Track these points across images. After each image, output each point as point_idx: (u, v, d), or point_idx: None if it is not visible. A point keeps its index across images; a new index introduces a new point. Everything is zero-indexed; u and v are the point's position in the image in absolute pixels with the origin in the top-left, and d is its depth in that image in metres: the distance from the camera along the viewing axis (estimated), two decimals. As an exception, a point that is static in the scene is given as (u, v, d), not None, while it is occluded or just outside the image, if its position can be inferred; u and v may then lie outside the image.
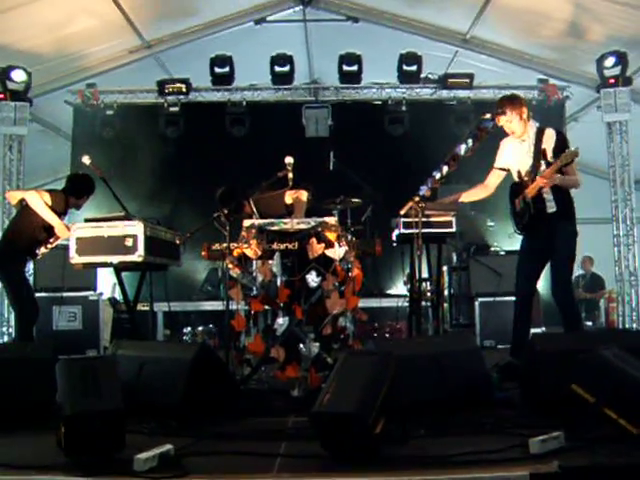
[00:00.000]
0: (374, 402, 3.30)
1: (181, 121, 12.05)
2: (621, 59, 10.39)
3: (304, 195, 6.17)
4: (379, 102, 12.20)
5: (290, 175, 5.60)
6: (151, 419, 4.10)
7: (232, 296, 5.18)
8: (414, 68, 11.49)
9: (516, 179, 5.73)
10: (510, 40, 11.35)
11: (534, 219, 5.58)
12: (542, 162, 5.47)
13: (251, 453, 3.53)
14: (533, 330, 8.78)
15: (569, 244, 5.60)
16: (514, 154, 5.79)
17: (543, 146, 5.52)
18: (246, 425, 4.25)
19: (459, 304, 9.85)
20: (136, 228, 5.65)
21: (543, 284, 11.04)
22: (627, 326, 10.23)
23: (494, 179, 6.02)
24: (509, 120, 5.57)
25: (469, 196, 6.15)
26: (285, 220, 5.18)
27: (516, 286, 5.94)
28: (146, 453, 3.18)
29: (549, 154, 5.45)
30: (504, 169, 5.91)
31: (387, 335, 9.32)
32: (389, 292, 10.35)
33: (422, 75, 11.69)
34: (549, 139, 5.54)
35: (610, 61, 10.46)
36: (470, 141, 5.16)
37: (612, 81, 10.60)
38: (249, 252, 5.10)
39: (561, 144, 5.47)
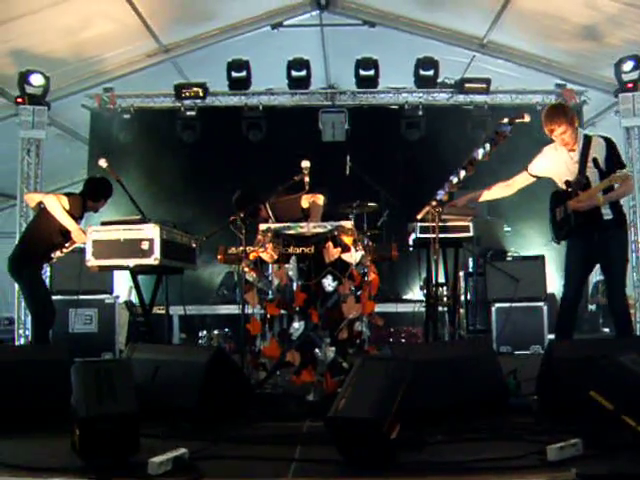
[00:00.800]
0: (390, 407, 3.28)
1: (198, 125, 12.08)
2: (639, 63, 10.33)
3: (320, 199, 6.15)
4: (396, 107, 12.20)
5: (307, 179, 5.59)
6: (166, 422, 4.10)
7: (248, 300, 5.17)
8: (431, 73, 11.47)
9: (562, 187, 5.69)
10: (527, 44, 11.30)
11: (586, 225, 5.51)
12: (595, 170, 5.44)
13: (266, 457, 3.52)
14: (551, 336, 8.79)
15: (624, 252, 5.64)
16: (558, 163, 5.71)
17: (593, 155, 5.46)
18: (261, 429, 4.23)
19: (475, 310, 9.80)
20: (152, 231, 5.64)
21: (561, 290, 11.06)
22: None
23: (521, 181, 6.01)
24: (564, 132, 5.49)
25: (489, 195, 6.13)
26: (301, 224, 5.17)
27: (564, 293, 5.81)
28: (160, 457, 3.17)
29: (601, 164, 5.42)
30: (537, 176, 5.88)
31: (403, 340, 9.29)
32: (405, 297, 10.32)
33: (439, 80, 11.67)
34: (599, 148, 5.48)
35: (628, 65, 10.40)
36: (487, 145, 5.12)
37: (630, 85, 10.54)
38: (265, 256, 5.10)
39: (613, 153, 5.46)
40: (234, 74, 11.62)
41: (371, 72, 11.52)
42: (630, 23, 9.58)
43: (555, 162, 5.74)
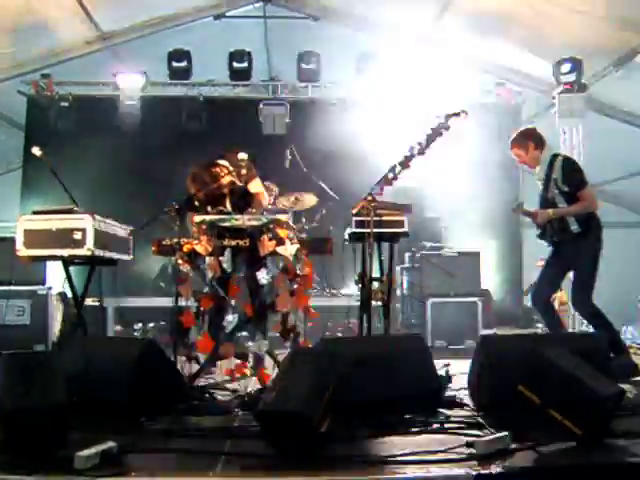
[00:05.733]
0: (319, 401, 3.29)
1: (137, 115, 11.88)
2: (577, 65, 10.58)
3: (264, 196, 6.11)
4: (336, 100, 12.20)
5: (243, 171, 5.56)
6: (96, 416, 4.04)
7: (181, 292, 5.12)
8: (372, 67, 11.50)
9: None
10: (469, 42, 11.42)
11: (559, 238, 6.06)
12: (555, 190, 5.98)
13: (195, 451, 3.51)
14: (485, 331, 8.93)
15: (591, 262, 5.97)
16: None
17: (554, 176, 5.99)
18: (192, 423, 4.22)
19: (411, 304, 9.89)
20: (85, 221, 5.55)
21: (496, 287, 11.25)
22: (578, 328, 10.36)
23: None
24: (518, 155, 6.23)
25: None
26: (236, 216, 5.13)
27: (534, 291, 6.37)
28: (88, 450, 3.13)
29: (559, 184, 5.95)
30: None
31: (339, 334, 9.32)
32: (341, 291, 10.34)
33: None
34: (558, 169, 5.99)
35: (566, 67, 10.66)
36: (424, 141, 5.17)
37: (567, 87, 10.77)
38: (199, 248, 5.05)
39: (567, 174, 5.96)
40: (175, 64, 11.52)
41: (313, 66, 11.53)
42: (569, 26, 9.76)
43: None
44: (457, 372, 5.25)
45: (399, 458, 3.29)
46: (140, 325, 9.74)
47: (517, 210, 6.48)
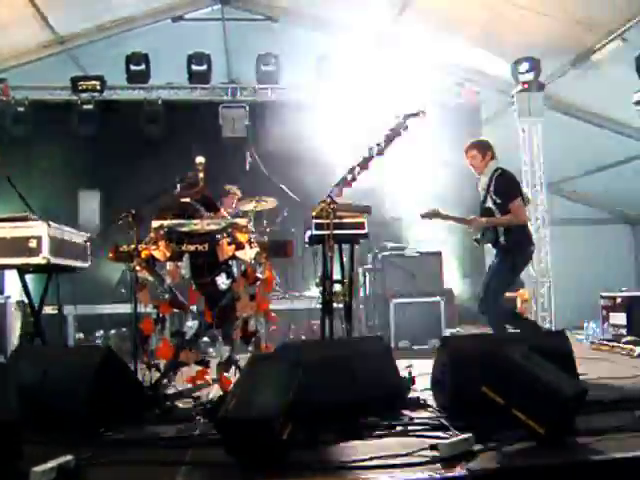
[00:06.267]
0: (280, 407, 3.24)
1: (95, 119, 11.71)
2: (534, 65, 10.69)
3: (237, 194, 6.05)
4: (296, 102, 12.16)
5: (201, 175, 5.48)
6: (53, 428, 3.95)
7: (140, 299, 5.03)
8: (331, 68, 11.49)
9: None
10: (427, 43, 11.46)
11: (493, 244, 6.42)
12: (491, 200, 6.30)
13: (155, 462, 3.45)
14: (448, 330, 8.97)
15: (505, 274, 6.37)
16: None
17: (492, 187, 6.30)
18: (152, 432, 4.14)
19: (374, 305, 9.88)
20: (40, 229, 5.45)
21: (460, 285, 11.28)
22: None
23: None
24: (473, 157, 6.48)
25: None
26: (195, 221, 5.06)
27: (482, 297, 6.50)
28: (44, 465, 3.05)
29: (494, 196, 6.27)
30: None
31: (302, 336, 9.29)
32: (303, 293, 10.31)
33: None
34: (493, 180, 6.30)
35: (524, 66, 10.77)
36: (382, 143, 5.16)
37: (526, 86, 10.89)
38: (157, 254, 4.96)
39: (497, 187, 6.26)
40: (133, 67, 11.40)
41: (272, 68, 11.49)
42: (526, 26, 9.84)
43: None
44: (421, 372, 5.24)
45: (363, 463, 3.27)
46: (101, 332, 9.61)
47: (433, 216, 6.67)
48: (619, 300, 9.19)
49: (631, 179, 12.09)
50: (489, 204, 6.31)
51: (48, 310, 6.46)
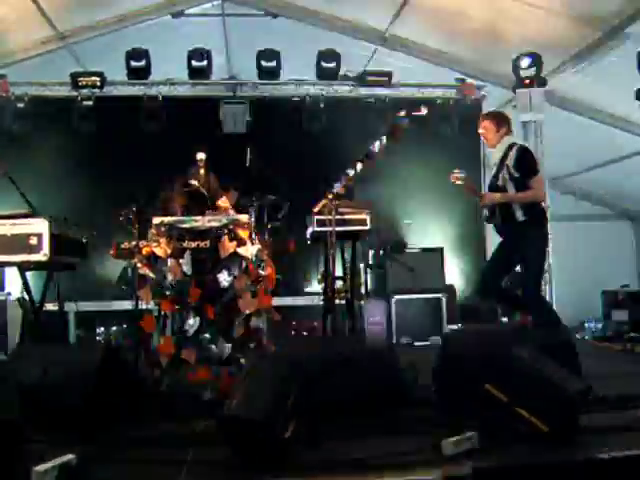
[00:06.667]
0: (282, 407, 3.23)
1: (95, 115, 11.67)
2: (536, 60, 10.63)
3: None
4: (297, 99, 12.13)
5: (202, 171, 5.47)
6: (54, 426, 3.93)
7: (141, 296, 5.02)
8: (333, 65, 11.45)
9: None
10: (428, 39, 11.42)
11: (505, 224, 6.02)
12: (506, 176, 5.92)
13: (157, 460, 3.44)
14: (449, 327, 8.96)
15: (537, 252, 5.97)
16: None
17: (507, 162, 5.94)
18: (154, 430, 4.12)
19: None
20: (41, 226, 5.43)
21: (460, 282, 11.26)
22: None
23: None
24: (485, 128, 6.17)
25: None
26: (196, 218, 5.05)
27: (482, 282, 6.26)
28: (45, 464, 3.03)
29: (511, 169, 5.89)
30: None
31: (304, 333, 9.27)
32: (305, 290, 10.29)
33: (340, 72, 11.67)
34: (512, 155, 5.95)
35: (525, 62, 10.70)
36: (384, 139, 5.14)
37: (527, 82, 10.84)
38: (159, 251, 4.96)
39: (520, 161, 5.91)
40: (133, 63, 11.31)
41: (273, 63, 11.41)
42: (528, 21, 9.80)
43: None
44: (423, 369, 5.22)
45: (367, 462, 3.25)
46: (102, 329, 9.59)
47: (461, 179, 6.20)
48: (621, 297, 9.17)
49: (632, 175, 12.05)
50: (503, 179, 5.98)
51: (49, 307, 6.42)
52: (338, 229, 5.26)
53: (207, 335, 5.43)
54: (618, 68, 9.50)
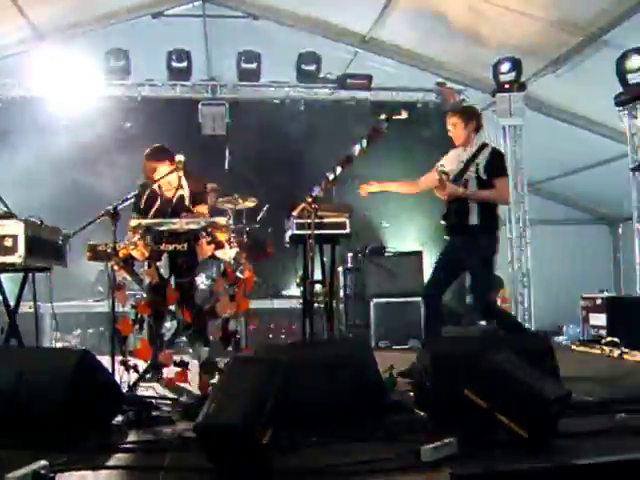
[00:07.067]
0: (261, 412, 3.18)
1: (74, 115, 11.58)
2: (516, 65, 10.68)
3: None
4: (277, 101, 12.13)
5: (180, 174, 5.42)
6: (28, 432, 3.86)
7: (118, 299, 4.95)
8: (313, 68, 11.50)
9: None
10: (409, 43, 11.45)
11: (457, 227, 5.92)
12: (473, 175, 5.83)
13: (133, 467, 3.38)
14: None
15: (483, 261, 5.87)
16: (454, 161, 6.08)
17: (477, 161, 5.86)
18: (130, 436, 4.06)
19: (355, 305, 9.85)
20: (16, 227, 5.34)
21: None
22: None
23: (426, 180, 6.35)
24: (454, 125, 6.03)
25: (397, 188, 6.70)
26: (174, 220, 5.00)
27: (426, 286, 6.27)
28: (18, 471, 2.96)
29: (480, 170, 5.81)
30: (442, 172, 6.02)
31: (282, 336, 9.24)
32: (283, 293, 10.27)
33: (321, 75, 11.68)
34: (484, 156, 5.88)
35: (505, 66, 10.75)
36: (364, 142, 5.13)
37: (507, 86, 10.88)
38: (136, 253, 4.90)
39: (492, 162, 5.85)
40: (112, 63, 11.27)
41: (253, 65, 11.43)
42: (508, 26, 9.83)
43: (451, 160, 6.10)
44: (402, 374, 5.20)
45: (345, 468, 3.21)
46: (79, 331, 9.49)
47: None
48: (599, 301, 9.21)
49: (611, 180, 12.09)
50: (468, 177, 5.86)
51: (24, 309, 6.34)
52: (318, 232, 5.23)
53: (184, 338, 5.40)
54: (597, 74, 9.56)
